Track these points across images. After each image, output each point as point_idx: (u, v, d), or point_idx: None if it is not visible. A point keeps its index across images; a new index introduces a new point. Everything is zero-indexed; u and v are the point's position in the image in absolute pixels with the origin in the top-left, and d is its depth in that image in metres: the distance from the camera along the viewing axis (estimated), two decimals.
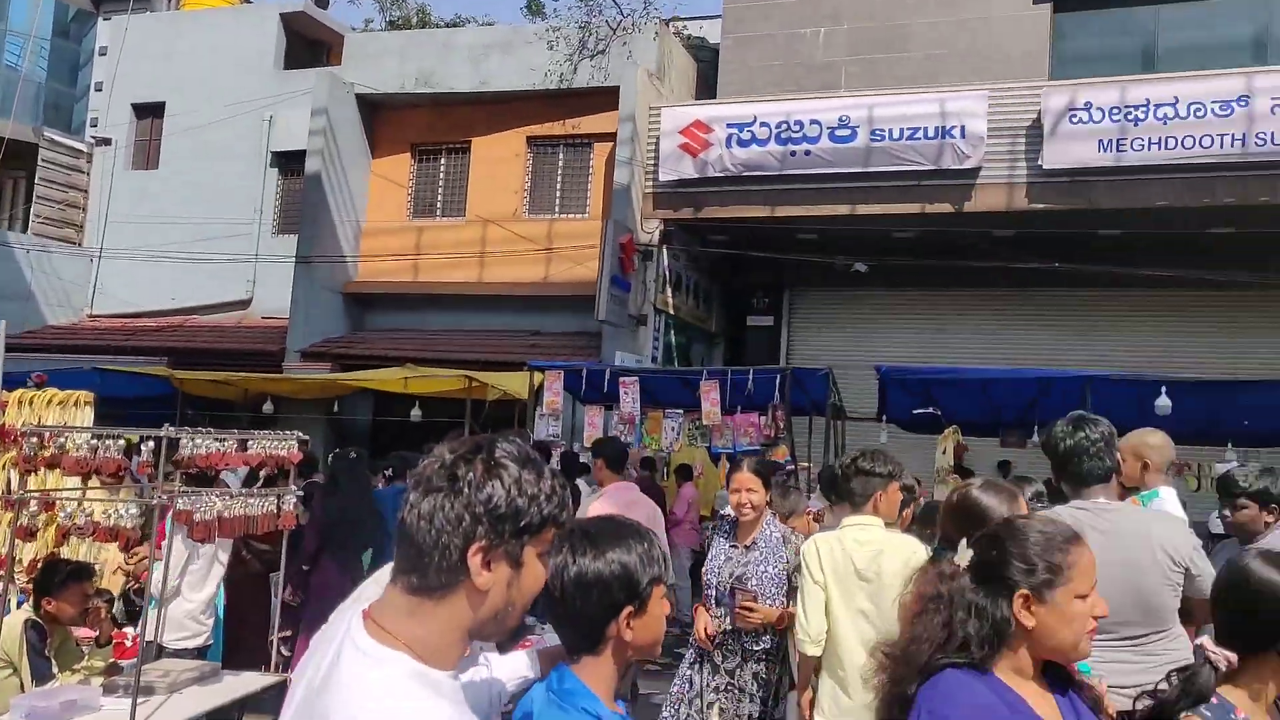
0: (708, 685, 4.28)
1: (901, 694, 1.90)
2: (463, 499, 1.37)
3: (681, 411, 9.91)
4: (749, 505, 4.25)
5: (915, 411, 9.73)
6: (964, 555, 1.95)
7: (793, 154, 12.52)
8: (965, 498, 2.68)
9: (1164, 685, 2.10)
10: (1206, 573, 3.45)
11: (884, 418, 10.10)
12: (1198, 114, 11.30)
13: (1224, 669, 2.04)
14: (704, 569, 4.45)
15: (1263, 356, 12.32)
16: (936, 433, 9.01)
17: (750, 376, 9.65)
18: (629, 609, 1.70)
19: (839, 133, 12.36)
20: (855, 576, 3.82)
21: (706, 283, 14.77)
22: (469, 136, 15.35)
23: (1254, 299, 12.40)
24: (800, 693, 4.06)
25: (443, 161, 15.82)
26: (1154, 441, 3.95)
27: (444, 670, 1.37)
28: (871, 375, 9.99)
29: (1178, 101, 11.36)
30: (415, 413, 12.05)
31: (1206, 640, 2.08)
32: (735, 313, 15.27)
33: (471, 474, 1.38)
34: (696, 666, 4.36)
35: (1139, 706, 2.13)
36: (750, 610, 4.13)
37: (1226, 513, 4.20)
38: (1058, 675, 1.93)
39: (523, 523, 1.40)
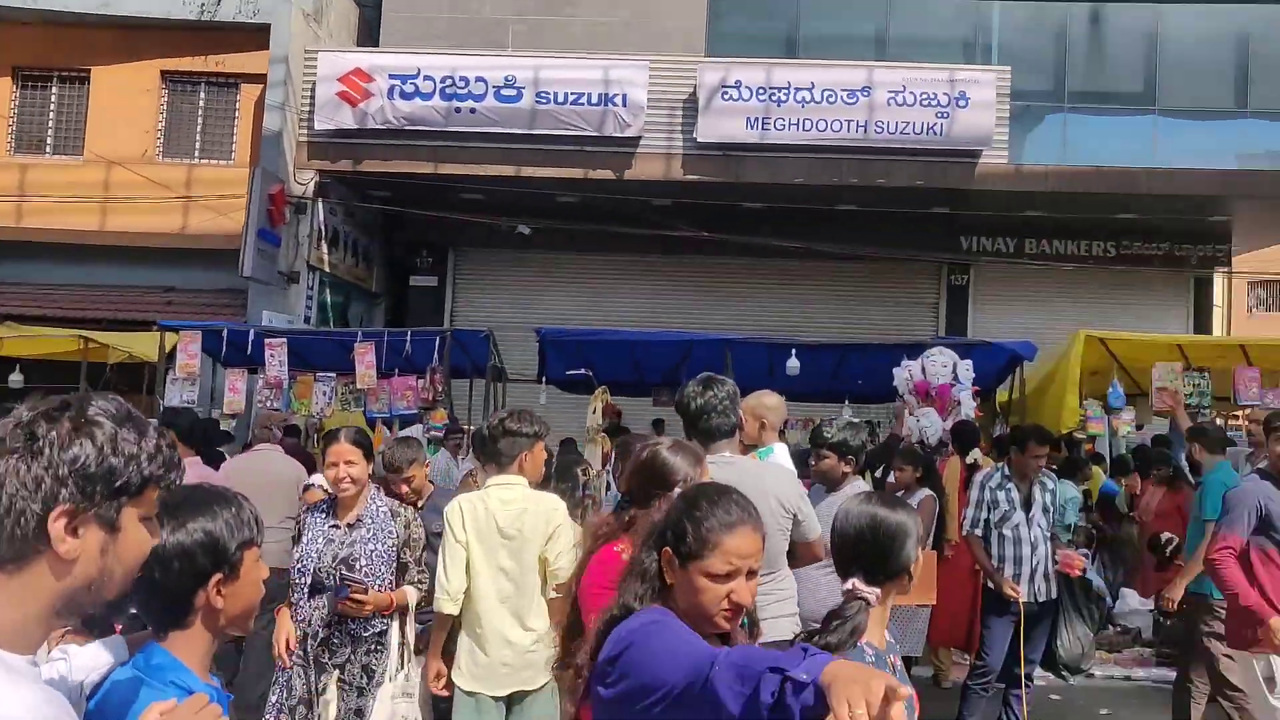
0: (315, 687, 3.82)
1: (597, 643, 1.93)
2: (43, 460, 1.25)
3: (334, 375, 9.40)
4: (349, 479, 3.82)
5: (569, 372, 9.89)
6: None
7: (458, 110, 12.21)
8: (654, 457, 2.72)
9: (826, 629, 2.20)
10: (810, 518, 3.75)
11: (543, 379, 10.17)
12: (830, 100, 12.37)
13: (874, 603, 2.20)
14: (296, 555, 3.90)
15: (877, 322, 13.84)
16: (591, 393, 9.21)
17: (408, 338, 9.33)
18: (218, 576, 1.66)
19: (505, 92, 12.22)
20: (498, 534, 3.84)
21: (367, 240, 14.10)
22: (89, 64, 13.46)
23: (872, 270, 13.87)
24: (431, 661, 3.92)
25: (55, 91, 13.77)
26: (770, 403, 4.20)
27: (23, 653, 1.24)
28: (534, 337, 10.02)
29: (814, 87, 12.37)
30: (15, 378, 10.44)
31: (857, 582, 2.23)
32: (398, 272, 14.75)
33: (55, 433, 1.27)
34: (299, 669, 3.85)
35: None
36: (361, 603, 3.73)
37: (813, 461, 4.56)
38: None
39: (118, 483, 1.29)
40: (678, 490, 2.38)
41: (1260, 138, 13.72)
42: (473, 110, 12.19)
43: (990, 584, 5.49)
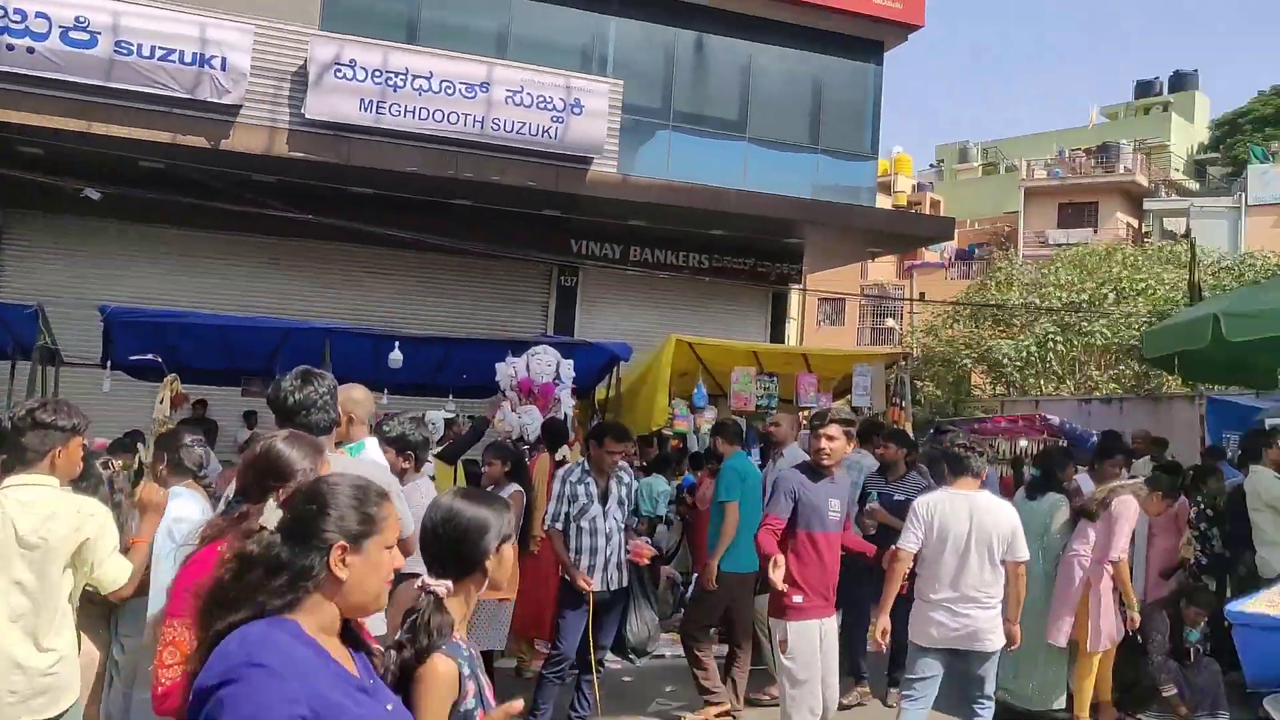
0: None
1: (199, 658, 1.80)
2: None
3: None
4: None
5: (133, 358, 8.83)
6: (272, 513, 1.90)
7: (10, 48, 10.48)
8: (269, 449, 2.58)
9: (405, 628, 2.22)
10: (406, 515, 3.62)
11: (108, 364, 9.00)
12: (448, 91, 12.22)
13: (445, 594, 2.21)
14: None
15: (488, 318, 13.93)
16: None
17: None
18: None
19: (74, 35, 10.69)
20: (15, 543, 3.31)
21: None
22: None
23: (486, 266, 13.89)
24: None
25: None
26: (357, 396, 4.04)
27: None
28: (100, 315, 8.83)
29: (432, 76, 12.15)
30: None
31: (426, 577, 2.24)
32: None
33: None
34: None
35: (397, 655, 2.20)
36: None
37: None
38: (350, 636, 1.96)
39: None
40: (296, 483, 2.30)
41: (829, 173, 15.63)
42: (30, 50, 10.50)
43: (566, 576, 5.66)
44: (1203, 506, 7.60)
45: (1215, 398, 15.18)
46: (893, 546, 5.06)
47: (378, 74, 11.88)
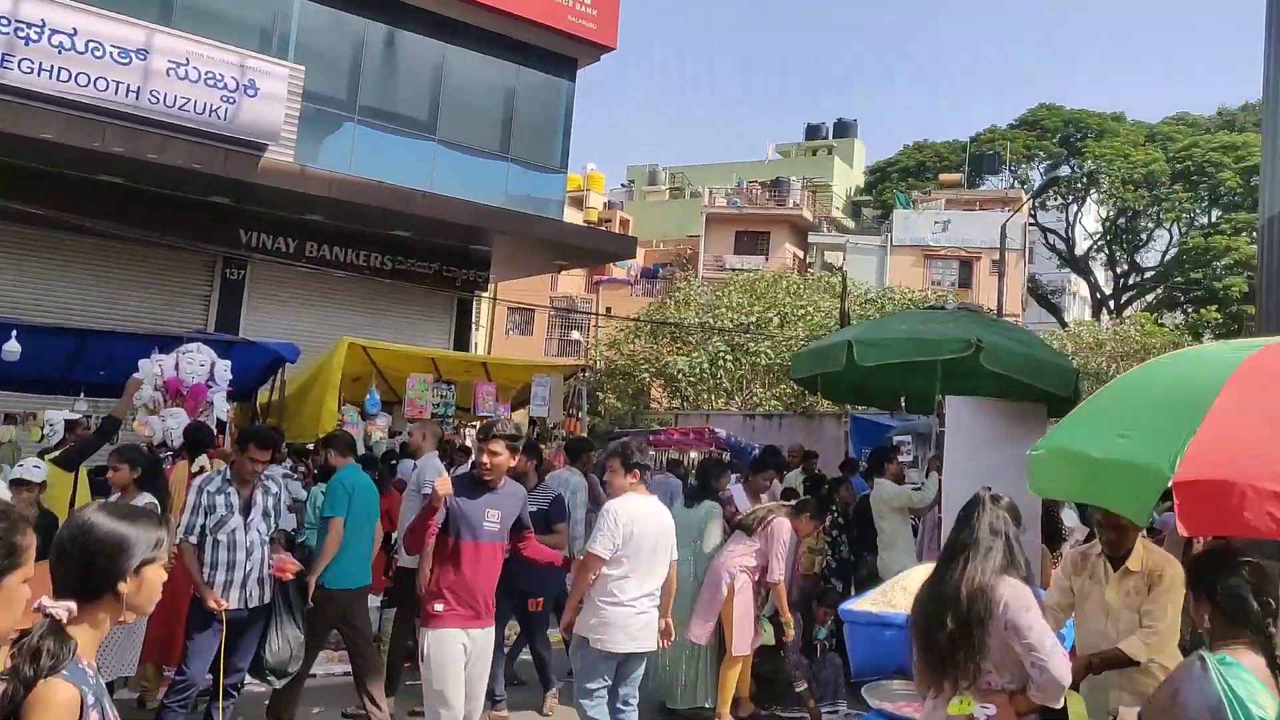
0: None
1: None
2: None
3: None
4: None
5: None
6: None
7: None
8: None
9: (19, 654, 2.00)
10: None
11: None
12: (96, 54, 10.95)
13: (64, 618, 2.00)
14: None
15: (140, 309, 12.57)
16: None
17: None
18: None
19: None
20: None
21: None
22: None
23: (138, 252, 12.51)
24: None
25: None
26: None
27: None
28: None
29: (76, 34, 10.86)
30: None
31: (45, 599, 2.01)
32: None
33: None
34: None
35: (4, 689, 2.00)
36: None
37: None
38: None
39: None
40: None
41: (519, 183, 15.68)
42: None
43: (197, 594, 5.17)
44: (835, 515, 8.36)
45: (858, 416, 16.90)
46: (586, 550, 5.19)
47: (4, 22, 10.40)
